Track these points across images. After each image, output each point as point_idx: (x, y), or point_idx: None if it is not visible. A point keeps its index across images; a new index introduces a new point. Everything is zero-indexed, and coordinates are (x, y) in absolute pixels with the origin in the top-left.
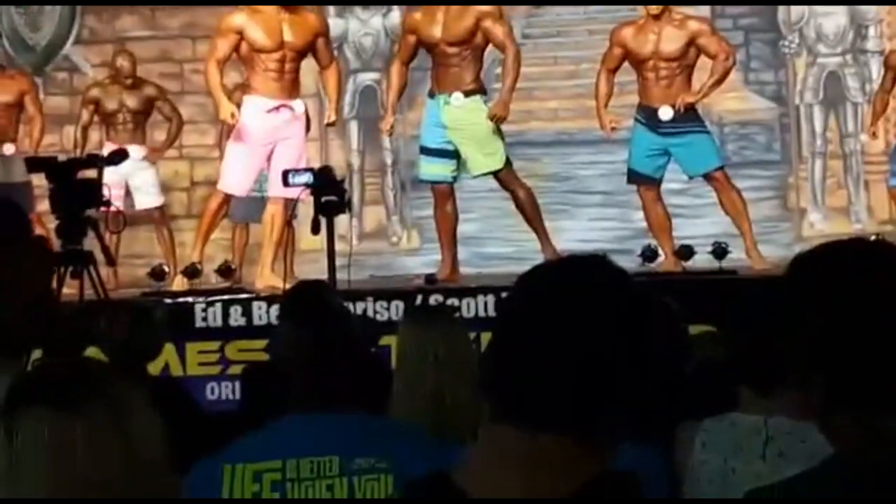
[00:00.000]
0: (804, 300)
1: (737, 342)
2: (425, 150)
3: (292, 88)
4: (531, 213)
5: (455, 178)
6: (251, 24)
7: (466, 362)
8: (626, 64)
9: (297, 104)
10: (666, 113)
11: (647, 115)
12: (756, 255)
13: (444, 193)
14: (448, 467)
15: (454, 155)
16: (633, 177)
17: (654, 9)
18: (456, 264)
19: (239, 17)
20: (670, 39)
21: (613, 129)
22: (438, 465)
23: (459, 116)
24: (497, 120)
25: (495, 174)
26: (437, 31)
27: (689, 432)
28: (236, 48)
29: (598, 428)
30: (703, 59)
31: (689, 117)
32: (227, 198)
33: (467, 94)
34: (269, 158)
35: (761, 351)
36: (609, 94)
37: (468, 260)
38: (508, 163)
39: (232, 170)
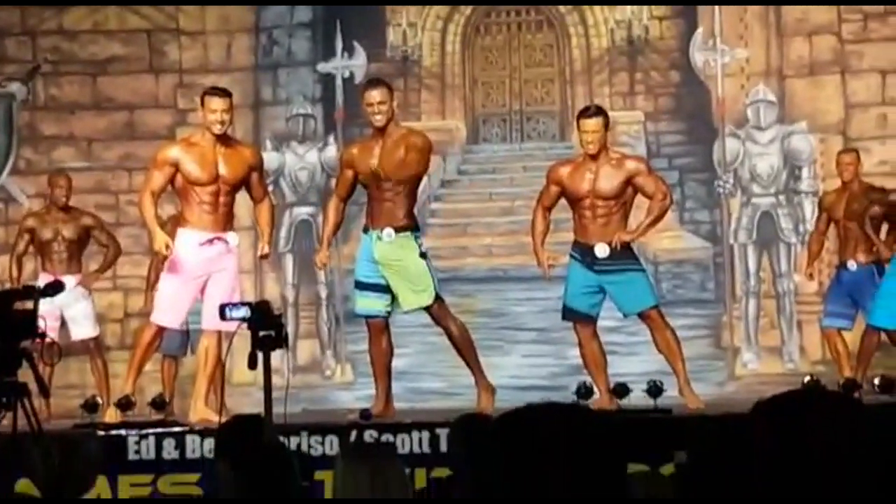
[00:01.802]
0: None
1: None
2: (359, 285)
3: (226, 221)
4: (464, 349)
5: (389, 313)
6: (186, 157)
7: (401, 498)
8: (561, 201)
9: (231, 237)
10: (602, 250)
11: (583, 253)
12: (689, 394)
13: (379, 328)
14: None
15: (387, 289)
16: (569, 314)
17: (592, 149)
18: (390, 399)
19: (174, 150)
20: (607, 178)
21: (551, 266)
22: None
23: (390, 252)
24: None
25: (427, 309)
26: (373, 164)
27: None
28: (171, 180)
29: None
30: (639, 198)
31: (624, 255)
32: (161, 330)
33: (398, 230)
34: (202, 290)
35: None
36: (545, 231)
37: (401, 395)
38: (439, 298)
39: (166, 302)
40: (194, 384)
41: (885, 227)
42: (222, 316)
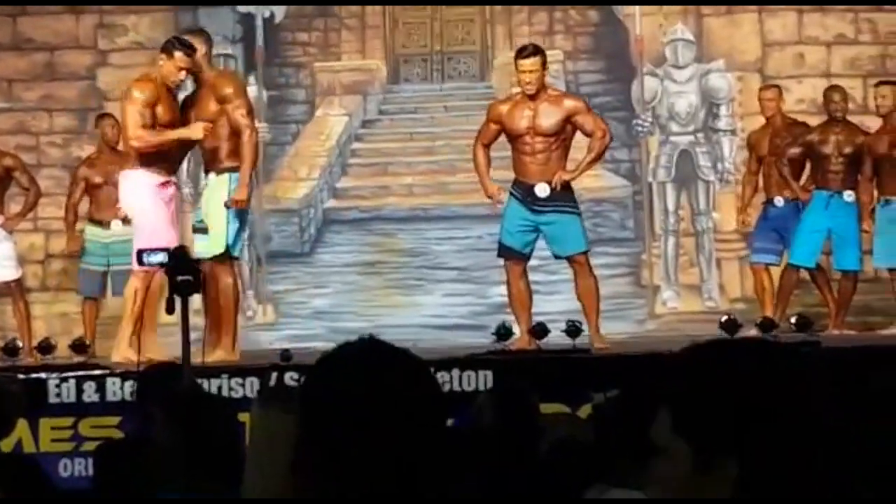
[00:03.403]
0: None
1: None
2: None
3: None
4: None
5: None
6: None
7: None
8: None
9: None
10: (542, 190)
11: (524, 192)
12: (598, 339)
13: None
14: None
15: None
16: (503, 251)
17: (530, 89)
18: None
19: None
20: (546, 115)
21: (499, 200)
22: None
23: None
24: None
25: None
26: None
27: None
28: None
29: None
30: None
31: (564, 197)
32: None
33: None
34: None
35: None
36: (488, 164)
37: (324, 335)
38: (227, 251)
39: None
40: (120, 325)
41: (808, 165)
42: (140, 261)
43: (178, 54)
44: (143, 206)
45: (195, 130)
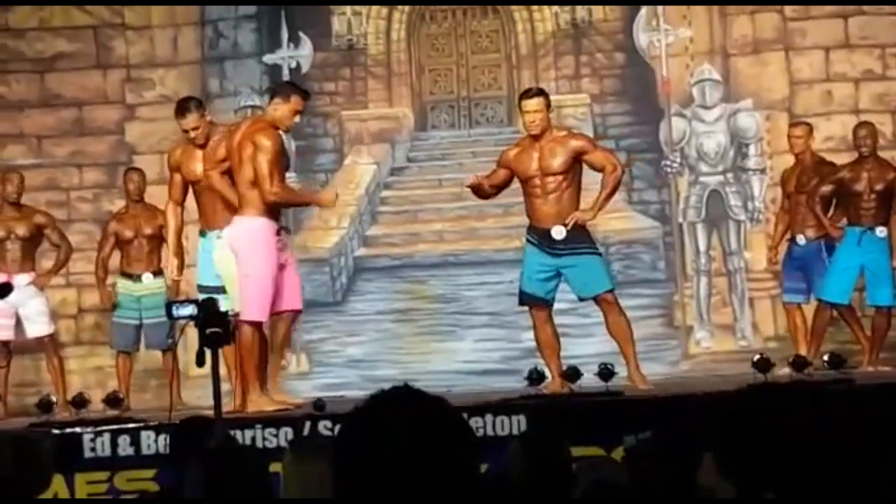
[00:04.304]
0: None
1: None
2: None
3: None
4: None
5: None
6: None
7: None
8: (512, 186)
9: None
10: (559, 233)
11: (540, 237)
12: (639, 378)
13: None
14: None
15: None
16: (525, 298)
17: (534, 129)
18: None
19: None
20: (553, 155)
21: (474, 177)
22: None
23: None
24: None
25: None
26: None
27: None
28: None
29: None
30: (588, 179)
31: (581, 238)
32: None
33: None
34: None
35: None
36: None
37: (357, 383)
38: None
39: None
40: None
41: (834, 202)
42: (168, 314)
43: (294, 98)
44: (259, 253)
45: (328, 198)
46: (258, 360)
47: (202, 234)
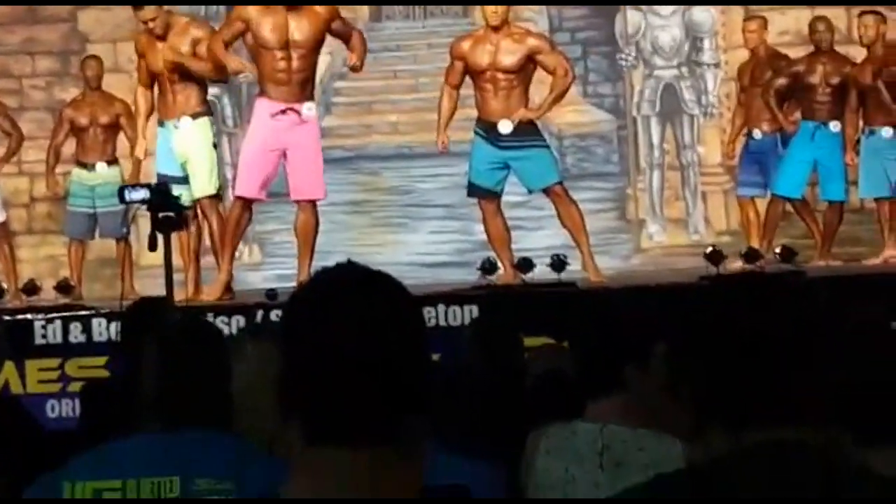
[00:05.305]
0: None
1: (583, 354)
2: None
3: (301, 91)
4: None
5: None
6: (260, 18)
7: None
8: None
9: (306, 107)
10: (505, 126)
11: (487, 129)
12: (592, 268)
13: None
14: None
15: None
16: (474, 190)
17: (494, 20)
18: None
19: (250, 9)
20: (509, 52)
21: (444, 147)
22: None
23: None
24: None
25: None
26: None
27: (537, 439)
28: (241, 35)
29: (404, 437)
30: (540, 74)
31: (528, 131)
32: (246, 202)
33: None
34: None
35: (604, 362)
36: (452, 110)
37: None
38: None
39: (243, 173)
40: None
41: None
42: (121, 198)
43: None
44: (250, 130)
45: (234, 66)
46: (232, 237)
47: (161, 123)
